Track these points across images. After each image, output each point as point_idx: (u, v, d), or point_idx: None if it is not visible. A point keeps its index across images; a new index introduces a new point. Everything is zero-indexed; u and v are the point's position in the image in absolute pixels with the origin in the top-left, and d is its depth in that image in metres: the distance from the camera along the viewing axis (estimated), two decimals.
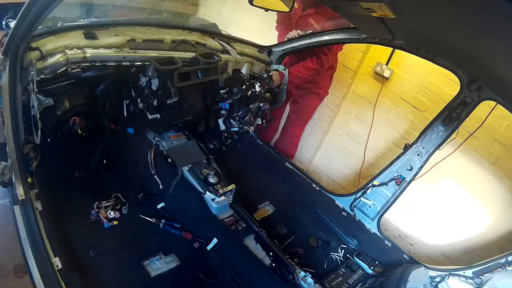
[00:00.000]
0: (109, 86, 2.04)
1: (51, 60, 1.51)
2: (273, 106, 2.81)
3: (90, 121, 1.98)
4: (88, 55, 1.61)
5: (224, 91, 2.23)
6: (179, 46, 2.05)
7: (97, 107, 2.05)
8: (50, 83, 1.71)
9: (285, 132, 3.28)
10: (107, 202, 2.01)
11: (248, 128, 2.54)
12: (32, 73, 1.46)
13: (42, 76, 1.51)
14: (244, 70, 2.48)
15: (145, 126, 2.16)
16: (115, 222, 1.96)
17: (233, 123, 2.51)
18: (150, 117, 1.99)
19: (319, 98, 3.17)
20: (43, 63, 1.49)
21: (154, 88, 1.97)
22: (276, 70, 2.71)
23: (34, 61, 1.45)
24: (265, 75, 2.62)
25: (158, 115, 2.01)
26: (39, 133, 1.60)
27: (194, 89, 2.10)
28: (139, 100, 2.02)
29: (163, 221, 2.05)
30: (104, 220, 1.93)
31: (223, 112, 2.42)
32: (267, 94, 2.64)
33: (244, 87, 2.34)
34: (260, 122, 2.65)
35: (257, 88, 2.42)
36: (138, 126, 2.20)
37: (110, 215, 1.95)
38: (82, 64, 1.63)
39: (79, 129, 1.90)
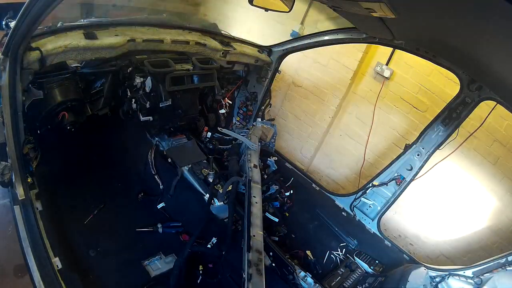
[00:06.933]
0: (105, 84, 2.01)
1: None
2: None
3: (80, 117, 1.93)
4: None
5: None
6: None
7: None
8: (43, 76, 1.70)
9: None
10: None
11: None
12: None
13: None
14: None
15: (136, 126, 2.14)
16: None
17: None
18: (142, 118, 1.99)
19: None
20: None
21: (147, 89, 1.97)
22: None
23: None
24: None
25: (151, 118, 2.00)
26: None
27: (189, 94, 2.10)
28: (133, 100, 2.01)
29: (159, 225, 2.05)
30: None
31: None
32: None
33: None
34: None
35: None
36: (132, 126, 2.19)
37: None
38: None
39: (67, 125, 1.84)
